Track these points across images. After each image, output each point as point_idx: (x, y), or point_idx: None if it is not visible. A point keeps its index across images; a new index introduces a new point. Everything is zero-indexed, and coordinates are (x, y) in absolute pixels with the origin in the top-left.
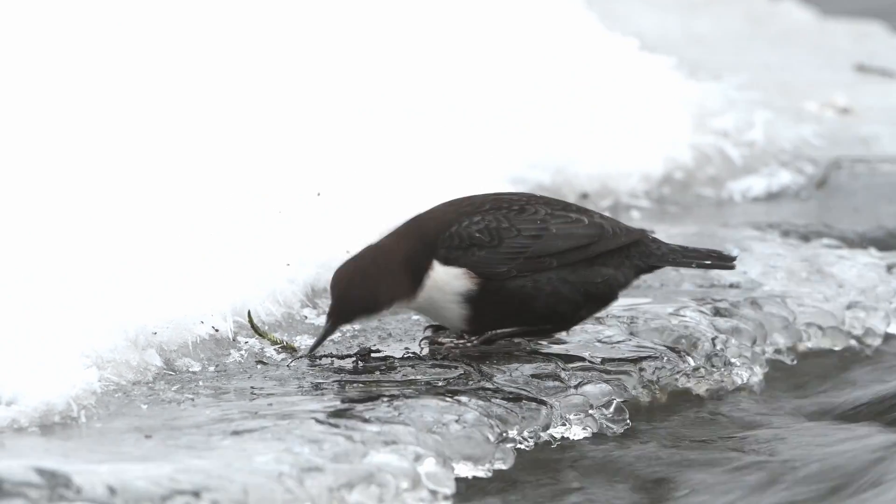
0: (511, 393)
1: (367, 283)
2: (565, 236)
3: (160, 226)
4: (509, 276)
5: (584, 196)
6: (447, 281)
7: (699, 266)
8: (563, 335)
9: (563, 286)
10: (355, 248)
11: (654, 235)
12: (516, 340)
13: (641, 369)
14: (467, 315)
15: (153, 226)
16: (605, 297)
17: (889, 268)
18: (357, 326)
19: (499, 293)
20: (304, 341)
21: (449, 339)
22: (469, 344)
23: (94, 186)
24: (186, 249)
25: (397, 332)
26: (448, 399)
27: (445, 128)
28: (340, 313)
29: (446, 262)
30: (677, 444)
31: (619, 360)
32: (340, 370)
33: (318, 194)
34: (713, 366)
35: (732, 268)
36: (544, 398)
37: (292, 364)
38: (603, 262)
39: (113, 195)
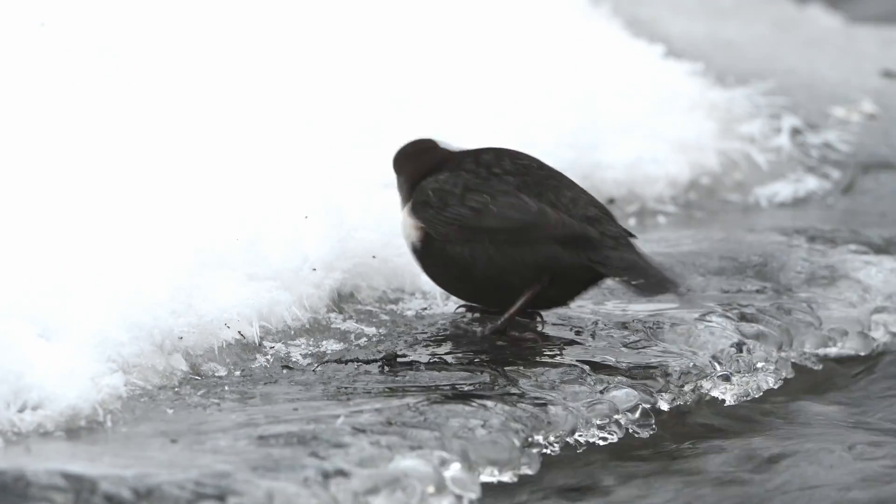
0: (537, 398)
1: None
2: (500, 217)
3: (186, 230)
4: (448, 241)
5: (611, 201)
6: (406, 225)
7: (621, 283)
8: (588, 340)
9: (502, 259)
10: (381, 254)
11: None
12: (528, 336)
13: (667, 374)
14: (424, 271)
15: (179, 230)
16: (563, 274)
17: None
18: (383, 331)
19: (442, 255)
20: (331, 346)
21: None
22: (480, 333)
23: (120, 190)
24: (212, 254)
25: (424, 338)
26: (474, 404)
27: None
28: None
29: (411, 209)
30: (703, 449)
31: (645, 365)
32: (366, 374)
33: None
34: (739, 371)
35: (648, 296)
36: (570, 403)
37: (318, 369)
38: (553, 243)
39: (140, 197)
